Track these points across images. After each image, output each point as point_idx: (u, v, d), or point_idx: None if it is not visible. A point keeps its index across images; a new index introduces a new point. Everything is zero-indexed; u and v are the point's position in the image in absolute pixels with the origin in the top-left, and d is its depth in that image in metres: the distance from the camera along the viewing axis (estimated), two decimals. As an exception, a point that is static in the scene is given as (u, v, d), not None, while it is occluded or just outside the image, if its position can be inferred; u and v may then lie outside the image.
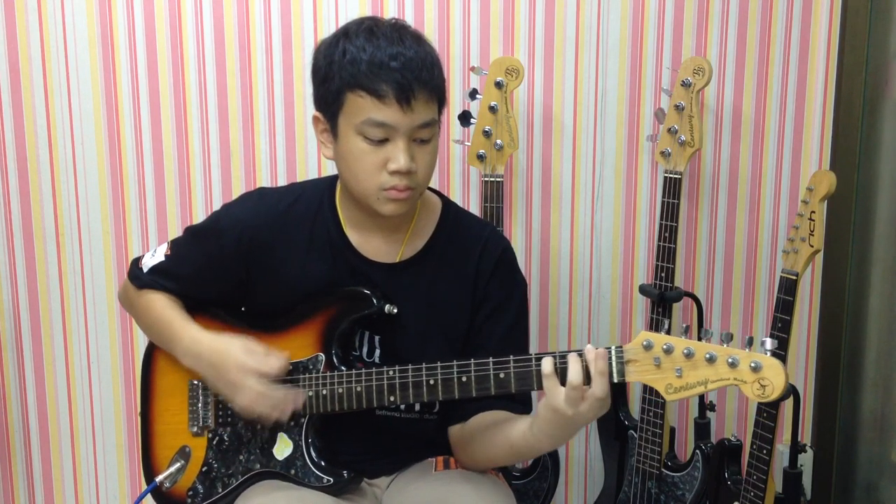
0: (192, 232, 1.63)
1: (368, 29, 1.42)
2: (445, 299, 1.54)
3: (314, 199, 1.56)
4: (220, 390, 1.53)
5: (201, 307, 1.63)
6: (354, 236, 1.54)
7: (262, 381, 1.47)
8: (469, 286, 1.54)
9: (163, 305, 1.60)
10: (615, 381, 1.31)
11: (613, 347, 1.31)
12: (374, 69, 1.37)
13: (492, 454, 1.50)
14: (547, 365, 1.32)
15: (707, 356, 1.25)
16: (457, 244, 1.56)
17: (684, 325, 1.31)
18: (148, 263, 1.62)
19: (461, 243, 1.57)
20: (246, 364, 1.47)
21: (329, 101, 1.44)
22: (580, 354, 1.31)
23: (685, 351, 1.27)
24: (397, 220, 1.52)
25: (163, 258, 1.61)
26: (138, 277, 1.63)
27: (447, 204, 1.61)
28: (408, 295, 1.53)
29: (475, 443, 1.52)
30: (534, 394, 1.52)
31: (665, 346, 1.28)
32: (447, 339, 1.54)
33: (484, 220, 1.66)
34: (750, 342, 1.26)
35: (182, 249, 1.61)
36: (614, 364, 1.31)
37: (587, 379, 1.30)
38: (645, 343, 1.29)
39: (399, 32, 1.42)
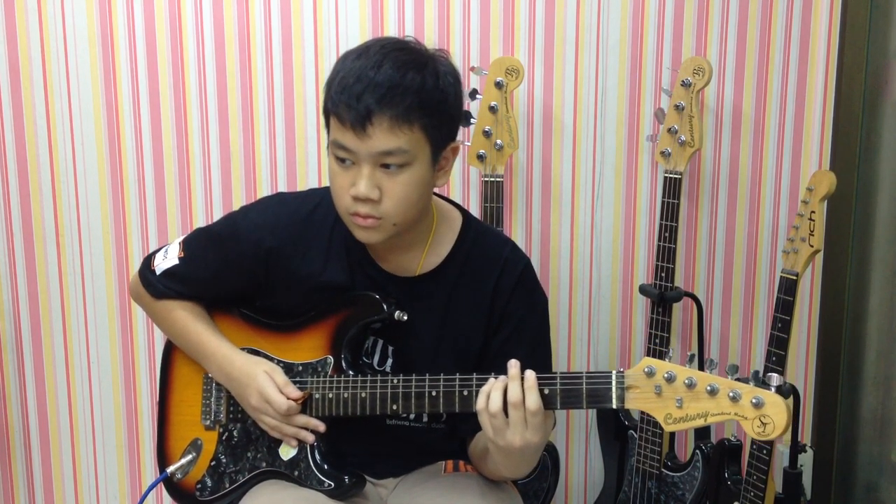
0: (207, 235, 1.61)
1: (363, 49, 1.39)
2: (460, 315, 1.53)
3: (333, 206, 1.53)
4: (246, 409, 1.55)
5: (219, 305, 1.63)
6: (372, 249, 1.53)
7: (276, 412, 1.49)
8: (486, 305, 1.53)
9: (187, 318, 1.60)
10: (614, 406, 1.30)
11: (614, 372, 1.30)
12: (339, 92, 1.36)
13: (487, 471, 1.54)
14: (478, 402, 1.34)
15: (708, 388, 1.24)
16: (476, 261, 1.55)
17: (690, 354, 1.29)
18: (160, 266, 1.60)
19: (480, 261, 1.55)
20: (265, 394, 1.49)
21: (324, 119, 1.45)
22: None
23: (687, 381, 1.25)
24: (412, 237, 1.51)
25: (176, 261, 1.59)
26: (152, 284, 1.61)
27: (467, 219, 1.59)
28: (424, 308, 1.53)
29: (475, 457, 1.56)
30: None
31: (667, 375, 1.26)
32: (458, 354, 1.52)
33: (504, 236, 1.64)
34: (755, 376, 1.25)
35: (197, 252, 1.59)
36: (614, 389, 1.30)
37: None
38: (647, 369, 1.28)
39: (385, 56, 1.37)
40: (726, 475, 2.00)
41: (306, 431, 1.50)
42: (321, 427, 1.49)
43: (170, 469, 1.60)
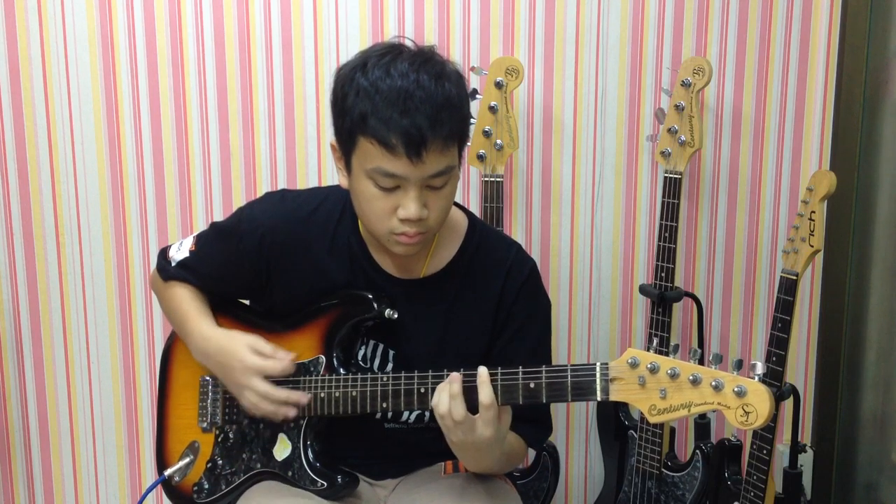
0: (215, 230, 1.62)
1: (386, 65, 1.33)
2: (465, 319, 1.53)
3: (336, 207, 1.53)
4: (229, 389, 1.54)
5: (223, 305, 1.64)
6: (375, 251, 1.53)
7: (265, 381, 1.47)
8: (492, 308, 1.53)
9: (182, 297, 1.61)
10: (599, 399, 1.29)
11: (598, 364, 1.30)
12: (384, 117, 1.30)
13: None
14: (432, 399, 1.37)
15: (691, 378, 1.22)
16: (481, 265, 1.54)
17: (675, 344, 1.28)
18: (175, 257, 1.62)
19: (486, 264, 1.54)
20: (250, 364, 1.47)
21: (343, 138, 1.39)
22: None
23: (670, 371, 1.24)
24: None
25: (188, 254, 1.60)
26: (165, 270, 1.63)
27: (473, 222, 1.58)
28: (427, 312, 1.53)
29: None
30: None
31: (650, 365, 1.25)
32: (461, 358, 1.50)
33: (510, 238, 1.64)
34: (739, 365, 1.23)
35: (205, 248, 1.60)
36: (598, 381, 1.29)
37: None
38: (630, 360, 1.27)
39: (418, 69, 1.33)
40: (726, 475, 2.00)
41: (298, 394, 1.47)
42: (304, 399, 1.47)
43: (168, 472, 1.60)
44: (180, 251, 1.62)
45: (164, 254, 1.65)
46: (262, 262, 1.53)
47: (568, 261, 2.26)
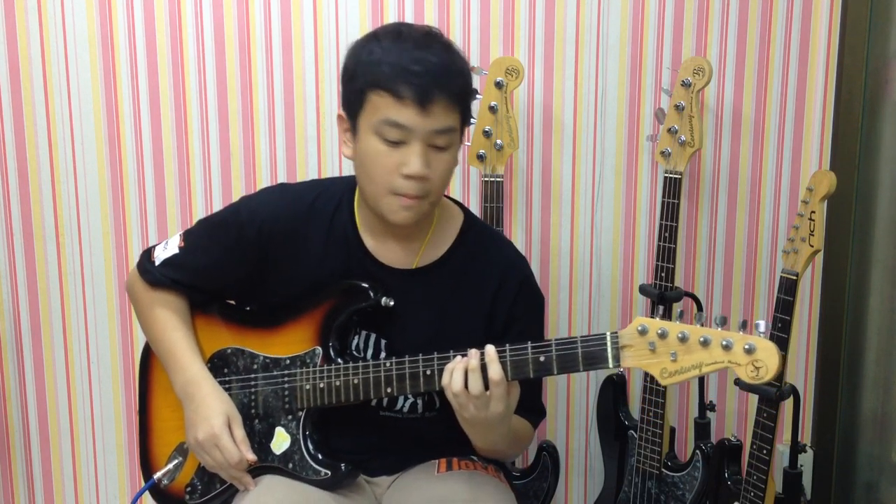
0: (208, 223, 1.62)
1: (397, 32, 1.42)
2: (458, 311, 1.54)
3: (334, 197, 1.55)
4: (188, 437, 1.54)
5: (204, 306, 1.63)
6: (370, 240, 1.54)
7: (227, 443, 1.50)
8: (486, 303, 1.54)
9: (167, 321, 1.59)
10: (611, 366, 1.32)
11: (608, 333, 1.33)
12: (396, 70, 1.37)
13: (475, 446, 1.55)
14: (443, 379, 1.39)
15: (701, 339, 1.27)
16: (476, 260, 1.56)
17: (679, 311, 1.32)
18: (160, 256, 1.60)
19: (481, 260, 1.56)
20: (218, 438, 1.49)
21: (352, 101, 1.44)
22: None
23: (679, 335, 1.28)
24: (413, 228, 1.51)
25: (176, 250, 1.59)
26: (149, 272, 1.60)
27: (469, 217, 1.61)
28: (420, 303, 1.53)
29: None
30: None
31: (660, 331, 1.29)
32: (455, 350, 1.52)
33: (504, 237, 1.68)
34: (744, 325, 1.27)
35: (197, 241, 1.59)
36: (609, 349, 1.32)
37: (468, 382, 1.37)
38: (640, 328, 1.31)
39: (428, 39, 1.42)
40: (726, 475, 2.00)
41: (249, 477, 1.52)
42: (252, 485, 1.51)
43: (157, 475, 1.59)
44: (167, 249, 1.60)
45: (147, 254, 1.63)
46: (259, 252, 1.53)
47: (568, 261, 2.26)
